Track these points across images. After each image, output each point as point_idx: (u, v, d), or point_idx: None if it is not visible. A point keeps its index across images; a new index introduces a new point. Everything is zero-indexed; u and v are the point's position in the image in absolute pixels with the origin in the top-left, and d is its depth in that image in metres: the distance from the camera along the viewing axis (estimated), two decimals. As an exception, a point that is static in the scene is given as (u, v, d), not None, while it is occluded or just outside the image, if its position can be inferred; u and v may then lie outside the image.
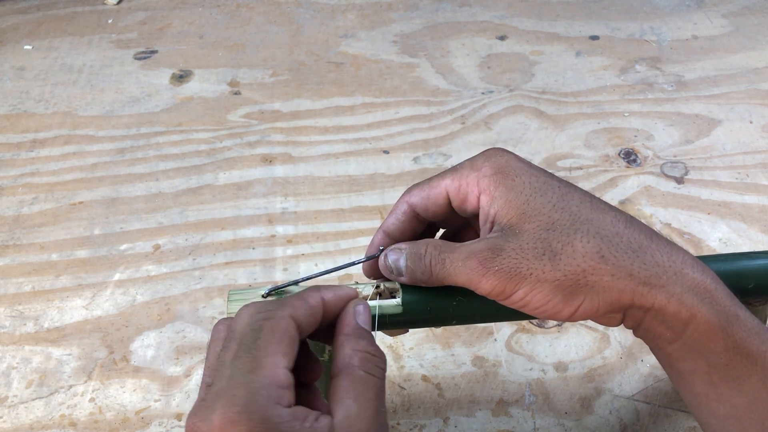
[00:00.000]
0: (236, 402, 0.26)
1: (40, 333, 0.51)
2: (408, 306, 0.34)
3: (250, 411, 0.26)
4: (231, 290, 0.35)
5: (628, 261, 0.30)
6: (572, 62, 0.77)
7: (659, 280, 0.30)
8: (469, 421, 0.45)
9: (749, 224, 0.58)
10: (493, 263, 0.30)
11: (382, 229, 0.37)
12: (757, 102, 0.71)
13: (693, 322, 0.30)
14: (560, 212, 0.31)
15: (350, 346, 0.30)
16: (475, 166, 0.34)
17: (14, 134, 0.68)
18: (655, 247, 0.31)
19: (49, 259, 0.56)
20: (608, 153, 0.65)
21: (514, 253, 0.30)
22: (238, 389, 0.27)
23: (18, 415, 0.46)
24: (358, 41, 0.81)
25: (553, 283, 0.30)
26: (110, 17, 0.85)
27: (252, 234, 0.58)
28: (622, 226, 0.31)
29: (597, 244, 0.30)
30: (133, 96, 0.73)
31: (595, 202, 0.33)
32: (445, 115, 0.70)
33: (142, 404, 0.47)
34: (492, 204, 0.32)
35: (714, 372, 0.30)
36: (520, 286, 0.30)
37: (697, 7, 0.85)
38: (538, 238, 0.30)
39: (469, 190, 0.33)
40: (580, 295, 0.30)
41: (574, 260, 0.30)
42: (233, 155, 0.66)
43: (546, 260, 0.30)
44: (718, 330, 0.29)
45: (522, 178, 0.32)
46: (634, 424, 0.45)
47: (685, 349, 0.30)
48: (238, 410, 0.26)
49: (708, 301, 0.30)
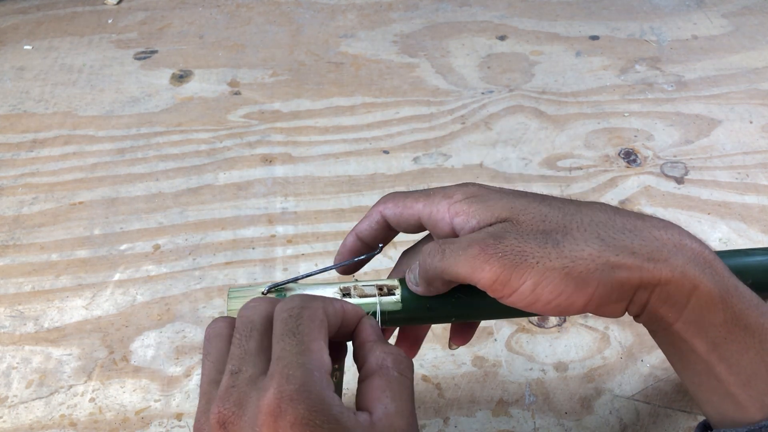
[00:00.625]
0: (293, 381, 0.26)
1: (40, 333, 0.51)
2: (407, 302, 0.34)
3: (308, 390, 0.26)
4: (231, 288, 0.35)
5: (627, 240, 0.30)
6: (572, 62, 0.77)
7: (661, 254, 0.29)
8: (469, 421, 0.45)
9: (749, 224, 0.58)
10: (496, 249, 0.29)
11: (355, 232, 0.37)
12: (757, 102, 0.71)
13: (695, 293, 0.29)
14: (548, 207, 0.31)
15: (381, 350, 0.30)
16: (446, 194, 0.33)
17: (14, 134, 0.68)
18: (649, 224, 0.31)
19: (49, 259, 0.56)
20: (608, 153, 0.65)
21: (516, 240, 0.29)
22: (293, 369, 0.27)
23: (18, 415, 0.46)
24: (358, 41, 0.81)
25: (563, 270, 0.29)
26: (110, 17, 0.85)
27: (252, 234, 0.58)
28: (611, 213, 0.31)
29: (594, 229, 0.30)
30: (133, 96, 0.73)
31: (577, 200, 0.33)
32: (445, 115, 0.70)
33: (142, 404, 0.47)
34: (471, 219, 0.32)
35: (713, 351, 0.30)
36: (527, 276, 0.29)
37: (697, 7, 0.85)
38: (536, 228, 0.30)
39: (439, 217, 0.33)
40: (593, 282, 0.29)
41: (578, 245, 0.29)
42: (233, 155, 0.66)
43: (550, 247, 0.29)
44: (718, 301, 0.29)
45: (496, 194, 0.32)
46: (634, 424, 0.45)
47: (686, 327, 0.30)
48: (295, 388, 0.26)
49: (709, 272, 0.30)
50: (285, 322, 0.29)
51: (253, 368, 0.28)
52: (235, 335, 0.30)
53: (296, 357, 0.27)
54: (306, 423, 0.25)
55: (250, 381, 0.27)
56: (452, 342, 0.39)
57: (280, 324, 0.29)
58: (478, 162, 0.64)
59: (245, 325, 0.30)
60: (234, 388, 0.27)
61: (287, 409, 0.25)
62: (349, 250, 0.37)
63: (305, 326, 0.28)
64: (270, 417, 0.25)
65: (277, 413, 0.25)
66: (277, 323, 0.29)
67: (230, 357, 0.29)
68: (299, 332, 0.28)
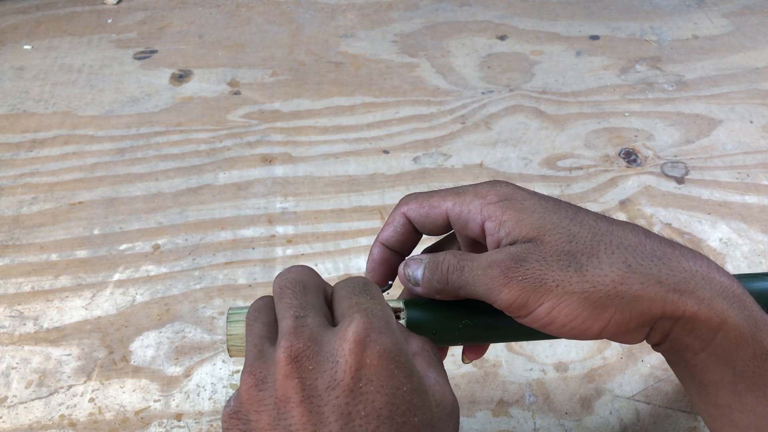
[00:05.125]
0: (379, 317, 0.27)
1: (39, 333, 0.51)
2: (412, 327, 0.33)
3: (392, 328, 0.27)
4: (230, 309, 0.33)
5: (655, 269, 0.29)
6: (572, 62, 0.77)
7: (688, 286, 0.29)
8: (469, 421, 0.45)
9: (750, 224, 0.58)
10: (516, 272, 0.29)
11: (380, 241, 0.36)
12: (758, 102, 0.71)
13: (723, 328, 0.29)
14: (578, 226, 0.30)
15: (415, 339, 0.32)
16: (479, 193, 0.32)
17: (14, 134, 0.68)
18: (678, 253, 0.30)
19: (48, 259, 0.56)
20: (608, 153, 0.65)
21: (538, 264, 0.29)
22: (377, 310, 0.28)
23: (17, 416, 0.46)
24: (358, 41, 0.80)
25: (582, 295, 0.28)
26: (110, 17, 0.85)
27: (252, 234, 0.58)
28: (642, 236, 0.30)
29: (622, 253, 0.29)
30: (132, 96, 0.73)
31: (609, 218, 0.32)
32: (445, 115, 0.70)
33: (142, 404, 0.47)
34: (501, 228, 0.31)
35: (740, 381, 0.29)
36: (545, 299, 0.28)
37: (697, 7, 0.85)
38: (561, 250, 0.29)
39: (470, 217, 0.32)
40: (611, 308, 0.28)
41: (602, 270, 0.28)
42: (233, 155, 0.66)
43: (572, 271, 0.28)
44: (748, 336, 0.29)
45: (530, 202, 0.31)
46: (635, 425, 0.45)
47: (712, 358, 0.30)
48: (382, 324, 0.27)
49: (737, 306, 0.29)
50: (354, 285, 0.30)
51: (318, 316, 0.28)
52: (286, 291, 0.29)
53: (376, 305, 0.28)
54: (392, 356, 0.26)
55: (320, 325, 0.27)
56: (465, 357, 0.38)
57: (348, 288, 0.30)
58: (479, 162, 0.64)
59: (296, 283, 0.29)
60: (305, 327, 0.27)
61: (377, 339, 0.26)
62: (380, 262, 0.36)
63: (375, 290, 0.30)
64: (358, 345, 0.25)
65: (366, 342, 0.26)
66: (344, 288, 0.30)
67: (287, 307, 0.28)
68: (372, 294, 0.29)
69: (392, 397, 0.25)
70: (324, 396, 0.25)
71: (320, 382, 0.25)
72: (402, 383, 0.25)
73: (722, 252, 0.56)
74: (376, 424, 0.24)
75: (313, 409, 0.25)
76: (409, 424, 0.25)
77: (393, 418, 0.25)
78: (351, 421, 0.24)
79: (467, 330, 0.33)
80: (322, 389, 0.25)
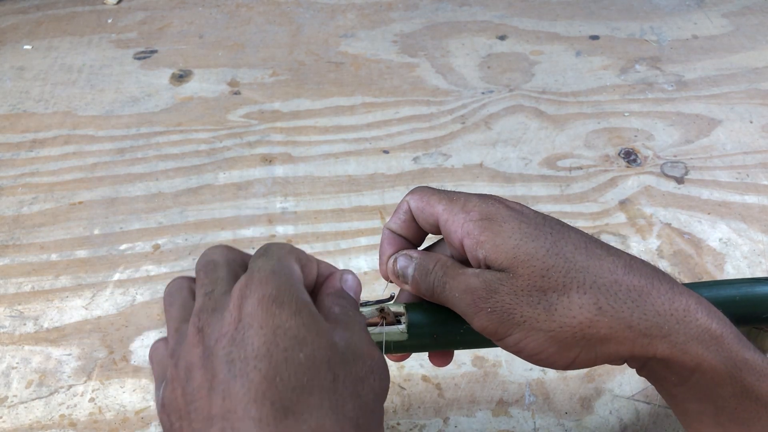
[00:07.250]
0: (262, 271, 0.27)
1: (39, 333, 0.51)
2: (413, 332, 0.33)
3: (277, 275, 0.27)
4: None
5: (627, 312, 0.29)
6: (572, 62, 0.77)
7: (660, 331, 0.29)
8: (469, 421, 0.45)
9: (749, 224, 0.58)
10: (486, 303, 0.30)
11: (386, 226, 0.36)
12: (758, 102, 0.71)
13: (699, 370, 0.29)
14: (554, 258, 0.29)
15: (331, 301, 0.30)
16: (466, 206, 0.32)
17: (14, 134, 0.68)
18: (656, 293, 0.29)
19: (48, 259, 0.56)
20: (608, 153, 0.65)
21: (509, 297, 0.29)
22: (264, 264, 0.28)
23: (18, 415, 0.46)
24: (358, 41, 0.80)
25: (548, 333, 0.29)
26: (110, 17, 0.85)
27: (252, 234, 0.58)
28: (621, 273, 0.30)
29: (594, 294, 0.29)
30: (132, 96, 0.73)
31: (591, 246, 0.31)
32: (445, 115, 0.70)
33: (142, 404, 0.47)
34: (479, 249, 0.31)
35: (722, 414, 0.29)
36: (513, 331, 0.30)
37: (697, 7, 0.85)
38: (532, 285, 0.29)
39: (452, 228, 0.32)
40: (576, 348, 0.29)
41: (570, 312, 0.29)
42: (233, 155, 0.66)
43: (541, 309, 0.29)
44: (726, 377, 0.29)
45: (510, 224, 0.31)
46: (634, 424, 0.45)
47: (692, 392, 0.30)
48: (264, 275, 0.27)
49: (714, 348, 0.29)
50: (257, 251, 0.30)
51: (226, 286, 0.28)
52: (199, 273, 0.30)
53: (266, 261, 0.28)
54: (272, 299, 0.26)
55: (224, 293, 0.28)
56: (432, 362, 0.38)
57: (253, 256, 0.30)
58: (478, 162, 0.64)
59: (207, 263, 0.30)
60: (210, 300, 0.28)
61: (256, 288, 0.26)
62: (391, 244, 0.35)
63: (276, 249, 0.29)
64: (238, 299, 0.26)
65: (244, 293, 0.26)
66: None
67: (200, 286, 0.29)
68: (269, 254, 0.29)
69: (271, 336, 0.25)
70: (214, 351, 0.26)
71: (211, 340, 0.26)
72: (283, 321, 0.26)
73: (722, 252, 0.56)
74: (254, 363, 0.25)
75: (207, 366, 0.26)
76: (293, 359, 0.25)
77: (271, 355, 0.25)
78: (233, 366, 0.25)
79: (468, 335, 0.33)
80: (212, 346, 0.26)
